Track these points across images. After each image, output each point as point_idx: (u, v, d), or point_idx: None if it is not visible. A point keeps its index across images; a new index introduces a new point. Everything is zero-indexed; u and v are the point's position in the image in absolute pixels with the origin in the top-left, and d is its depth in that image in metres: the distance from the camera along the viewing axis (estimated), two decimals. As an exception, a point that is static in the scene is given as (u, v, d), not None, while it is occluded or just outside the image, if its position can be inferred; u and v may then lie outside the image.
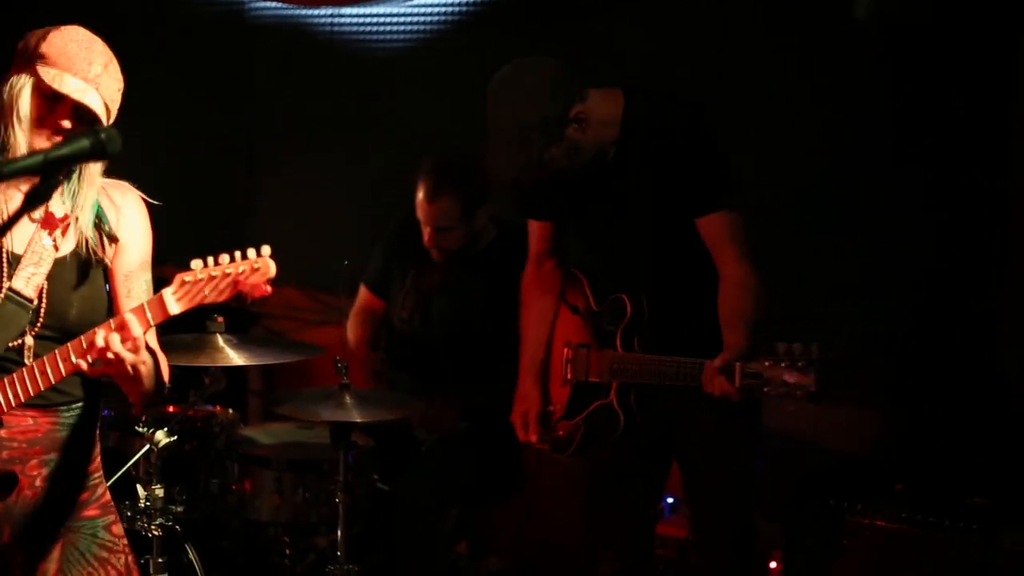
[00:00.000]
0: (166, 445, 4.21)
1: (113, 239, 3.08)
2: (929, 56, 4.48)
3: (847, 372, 4.74)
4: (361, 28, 5.96)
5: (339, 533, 4.23)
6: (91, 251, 3.04)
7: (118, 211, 3.11)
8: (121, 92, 3.03)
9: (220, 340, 4.32)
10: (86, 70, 2.94)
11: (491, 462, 4.78)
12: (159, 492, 4.22)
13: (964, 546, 3.93)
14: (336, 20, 6.04)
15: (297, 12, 6.16)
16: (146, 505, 4.24)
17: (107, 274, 3.11)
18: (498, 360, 4.69)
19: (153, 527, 4.20)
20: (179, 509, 4.34)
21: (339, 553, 4.23)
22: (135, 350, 2.85)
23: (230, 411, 4.91)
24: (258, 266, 2.80)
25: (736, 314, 3.60)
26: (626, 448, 3.89)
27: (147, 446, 4.24)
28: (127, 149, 2.42)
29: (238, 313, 5.62)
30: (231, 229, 6.38)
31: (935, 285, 4.57)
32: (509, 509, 5.04)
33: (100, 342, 2.82)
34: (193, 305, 2.82)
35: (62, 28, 3.00)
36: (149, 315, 2.84)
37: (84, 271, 3.05)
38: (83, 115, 2.95)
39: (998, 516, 3.94)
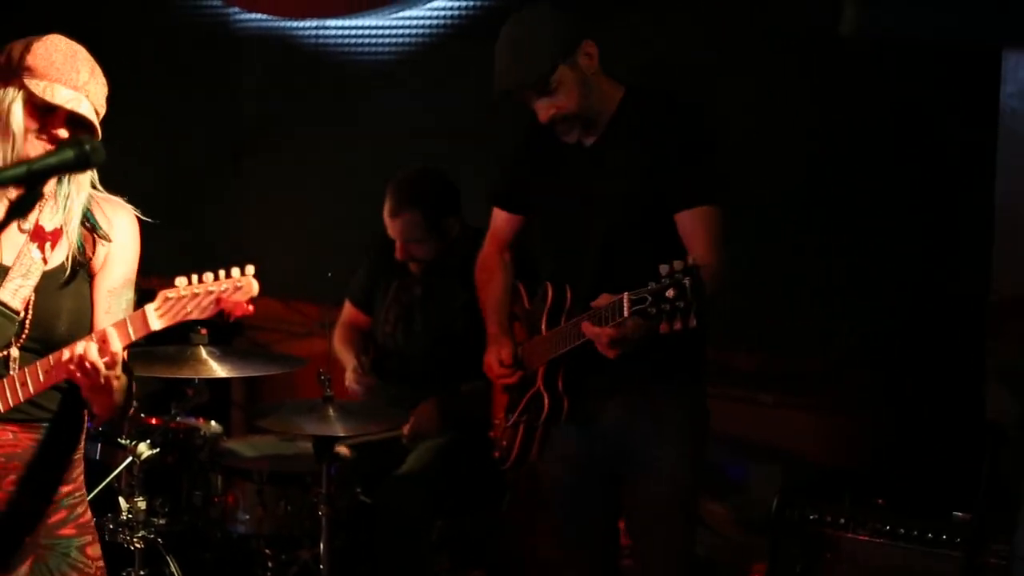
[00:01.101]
0: (149, 457, 4.21)
1: (106, 239, 3.08)
2: (916, 59, 4.50)
3: (830, 381, 4.77)
4: (346, 40, 5.97)
5: (322, 546, 4.22)
6: (79, 262, 3.04)
7: (110, 224, 3.11)
8: (106, 96, 3.04)
9: (203, 352, 4.32)
10: (74, 79, 2.95)
11: (474, 473, 4.79)
12: (141, 504, 4.22)
13: (947, 560, 3.94)
14: (321, 32, 6.05)
15: (282, 24, 6.16)
16: (128, 517, 4.23)
17: (91, 287, 3.10)
18: (481, 369, 4.75)
19: (135, 539, 4.19)
20: (161, 521, 4.34)
21: (322, 566, 4.22)
22: (112, 364, 2.85)
23: (213, 423, 4.90)
24: (241, 284, 2.80)
25: None
26: (575, 466, 3.90)
27: (130, 458, 4.24)
28: (112, 159, 2.42)
29: (221, 325, 5.62)
30: (215, 240, 6.37)
31: (919, 293, 4.58)
32: (492, 520, 5.03)
33: (80, 350, 2.82)
34: (175, 322, 2.83)
35: (43, 39, 3.00)
36: (131, 330, 2.84)
37: (72, 285, 3.05)
38: (76, 123, 2.96)
39: (981, 530, 3.94)
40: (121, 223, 3.14)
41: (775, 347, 4.85)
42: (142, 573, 4.21)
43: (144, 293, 3.02)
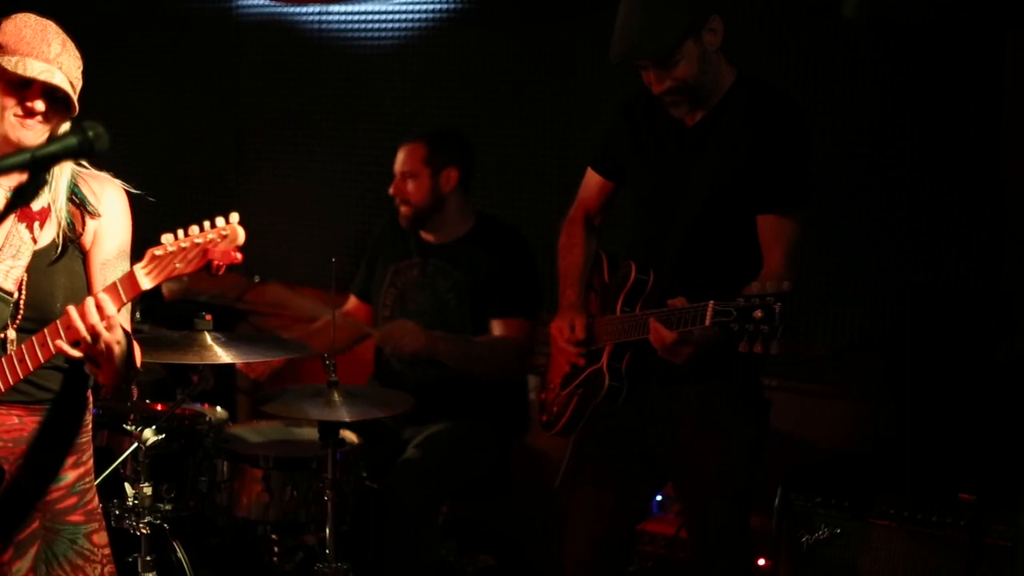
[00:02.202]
0: (154, 443, 4.21)
1: (95, 214, 3.08)
2: (919, 48, 4.49)
3: (837, 366, 4.77)
4: (349, 26, 5.96)
5: (328, 531, 4.23)
6: (69, 238, 3.04)
7: (97, 199, 3.11)
8: (81, 71, 3.05)
9: (208, 338, 4.32)
10: (46, 52, 2.96)
11: (479, 459, 4.80)
12: (147, 490, 4.21)
13: (952, 542, 3.94)
14: (324, 18, 6.04)
15: (285, 10, 6.15)
16: (134, 503, 4.23)
17: (85, 263, 3.10)
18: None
19: (141, 525, 4.19)
20: (167, 507, 4.33)
21: (328, 551, 4.23)
22: (110, 328, 2.85)
23: (218, 409, 4.91)
24: (226, 233, 2.78)
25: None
26: (615, 453, 3.90)
27: (135, 444, 4.24)
28: (116, 146, 2.42)
29: (225, 311, 5.63)
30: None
31: (925, 279, 4.57)
32: (499, 506, 5.04)
33: (74, 315, 2.82)
34: (164, 278, 2.81)
35: (12, 17, 3.02)
36: (121, 292, 2.83)
37: (65, 262, 3.05)
38: (53, 96, 2.96)
39: (986, 512, 3.95)
40: (109, 197, 3.14)
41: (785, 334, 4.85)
42: (148, 559, 4.21)
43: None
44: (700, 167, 3.64)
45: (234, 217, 2.80)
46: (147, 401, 4.75)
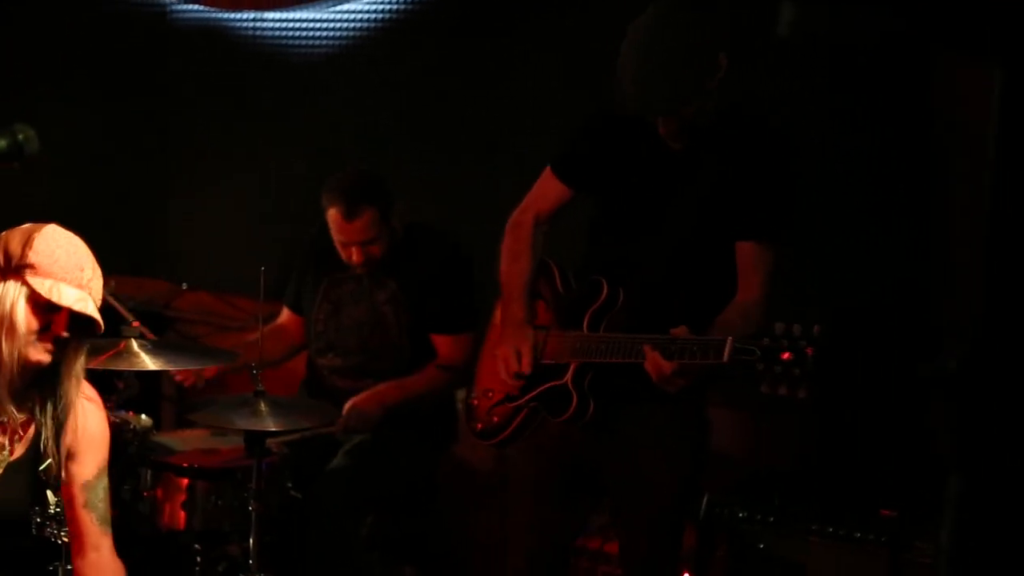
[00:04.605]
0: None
1: (70, 456, 3.09)
2: (850, 68, 4.53)
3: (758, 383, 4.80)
4: (284, 33, 5.94)
5: (251, 541, 4.20)
6: (47, 467, 3.04)
7: (78, 417, 3.10)
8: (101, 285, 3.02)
9: (135, 345, 4.28)
10: (79, 277, 2.91)
11: (405, 469, 4.79)
12: (69, 498, 4.17)
13: (874, 557, 3.98)
14: (258, 24, 6.01)
15: (219, 15, 6.12)
16: (56, 511, 4.18)
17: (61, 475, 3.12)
18: (412, 360, 4.78)
19: (63, 534, 4.14)
20: (89, 516, 4.29)
21: (251, 562, 4.20)
22: None
23: (143, 417, 4.86)
24: None
25: (729, 324, 3.49)
26: (554, 466, 3.89)
27: (58, 451, 4.19)
28: (46, 151, 2.40)
29: (152, 317, 5.57)
30: (150, 234, 6.33)
31: (851, 301, 4.61)
32: (424, 518, 5.03)
33: None
34: None
35: (42, 231, 2.94)
36: None
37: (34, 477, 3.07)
38: (77, 320, 2.95)
39: (906, 527, 3.99)
40: (90, 415, 3.13)
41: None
42: (69, 568, 4.15)
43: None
44: (685, 192, 3.63)
45: None
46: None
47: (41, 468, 3.03)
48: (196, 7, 6.18)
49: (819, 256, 4.65)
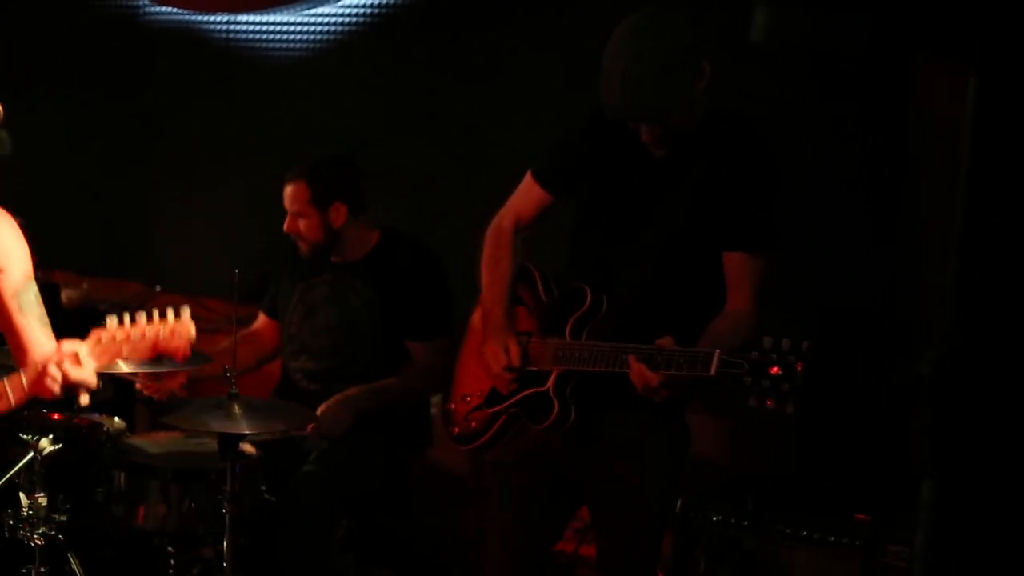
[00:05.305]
0: (51, 453, 4.15)
1: None
2: (827, 75, 4.55)
3: (734, 387, 4.81)
4: (258, 36, 5.93)
5: (225, 544, 4.19)
6: None
7: None
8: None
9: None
10: None
11: (378, 471, 4.78)
12: (43, 500, 4.16)
13: (849, 561, 3.99)
14: (232, 27, 6.01)
15: (193, 18, 6.11)
16: (29, 514, 4.17)
17: None
18: (385, 365, 4.77)
19: (36, 536, 4.13)
20: (63, 518, 4.27)
21: (225, 564, 4.19)
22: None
23: (116, 419, 4.85)
24: (176, 328, 2.82)
25: (719, 336, 3.48)
26: (534, 473, 3.89)
27: (31, 453, 4.18)
28: (20, 154, 2.39)
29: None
30: (123, 234, 6.31)
31: (826, 304, 4.63)
32: (399, 520, 5.02)
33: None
34: (109, 361, 2.89)
35: None
36: (69, 367, 2.94)
37: None
38: None
39: (880, 532, 4.01)
40: (2, 230, 3.14)
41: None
42: (42, 570, 4.15)
43: (47, 287, 3.00)
44: (668, 200, 3.62)
45: (185, 312, 2.82)
46: (43, 410, 4.68)
47: None
48: (169, 9, 6.16)
49: (799, 264, 4.67)
